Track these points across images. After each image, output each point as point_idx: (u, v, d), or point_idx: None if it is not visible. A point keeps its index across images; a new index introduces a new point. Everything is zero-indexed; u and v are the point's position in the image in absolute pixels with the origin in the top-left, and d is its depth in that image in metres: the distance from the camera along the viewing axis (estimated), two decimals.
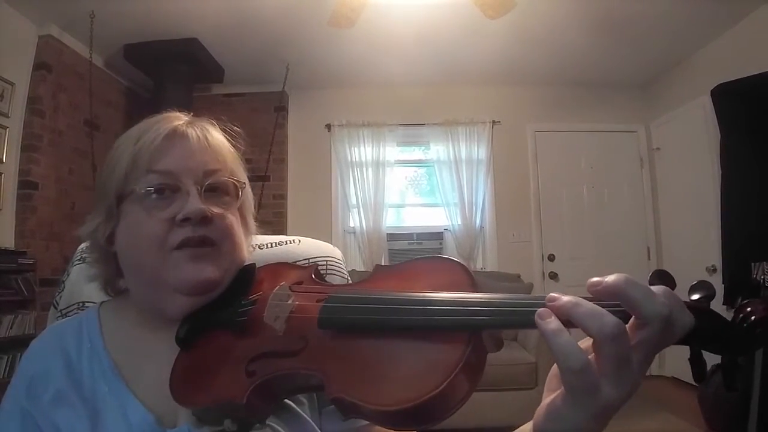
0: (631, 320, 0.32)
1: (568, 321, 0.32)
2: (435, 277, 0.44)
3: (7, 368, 2.59)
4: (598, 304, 0.32)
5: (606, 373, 0.31)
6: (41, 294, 2.81)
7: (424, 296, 0.41)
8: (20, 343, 2.62)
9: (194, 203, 0.51)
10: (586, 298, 0.33)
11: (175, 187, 0.53)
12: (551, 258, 4.07)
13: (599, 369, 0.31)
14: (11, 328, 2.62)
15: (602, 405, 0.32)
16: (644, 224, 4.12)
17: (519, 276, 3.71)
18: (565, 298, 0.33)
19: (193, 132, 0.56)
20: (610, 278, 0.32)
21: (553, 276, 4.04)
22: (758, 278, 2.50)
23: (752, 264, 2.57)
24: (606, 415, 0.33)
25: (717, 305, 0.37)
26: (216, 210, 0.54)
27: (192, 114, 0.61)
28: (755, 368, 2.13)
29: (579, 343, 0.33)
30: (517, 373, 2.71)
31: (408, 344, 0.39)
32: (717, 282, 3.05)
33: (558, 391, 0.35)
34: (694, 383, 2.66)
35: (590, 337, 0.32)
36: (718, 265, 3.16)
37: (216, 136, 0.59)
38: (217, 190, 0.55)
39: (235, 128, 0.63)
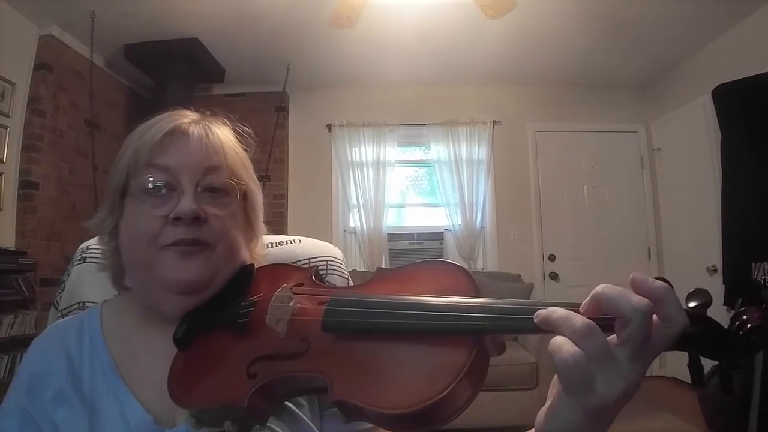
0: (616, 322, 0.34)
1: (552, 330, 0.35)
2: (437, 281, 0.44)
3: (7, 368, 2.59)
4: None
5: (594, 370, 0.33)
6: (41, 294, 2.81)
7: (428, 301, 0.41)
8: (20, 343, 2.62)
9: (187, 203, 0.51)
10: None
11: (171, 185, 0.52)
12: (552, 258, 4.06)
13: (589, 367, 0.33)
14: (11, 328, 2.62)
15: (596, 403, 0.33)
16: (644, 224, 4.12)
17: (519, 276, 3.71)
18: (545, 310, 0.35)
19: (194, 130, 0.55)
20: (594, 290, 0.35)
21: (554, 276, 4.03)
22: (758, 279, 2.50)
23: (752, 264, 2.57)
24: (602, 415, 0.34)
25: (717, 305, 0.37)
26: (212, 210, 0.53)
27: (208, 113, 0.60)
28: (755, 369, 2.13)
29: None
30: (517, 374, 2.71)
31: (412, 348, 0.39)
32: (717, 282, 3.04)
33: (557, 391, 0.36)
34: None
35: (568, 338, 0.34)
36: (719, 265, 3.15)
37: (220, 135, 0.57)
38: (216, 190, 0.54)
39: (246, 128, 0.62)
